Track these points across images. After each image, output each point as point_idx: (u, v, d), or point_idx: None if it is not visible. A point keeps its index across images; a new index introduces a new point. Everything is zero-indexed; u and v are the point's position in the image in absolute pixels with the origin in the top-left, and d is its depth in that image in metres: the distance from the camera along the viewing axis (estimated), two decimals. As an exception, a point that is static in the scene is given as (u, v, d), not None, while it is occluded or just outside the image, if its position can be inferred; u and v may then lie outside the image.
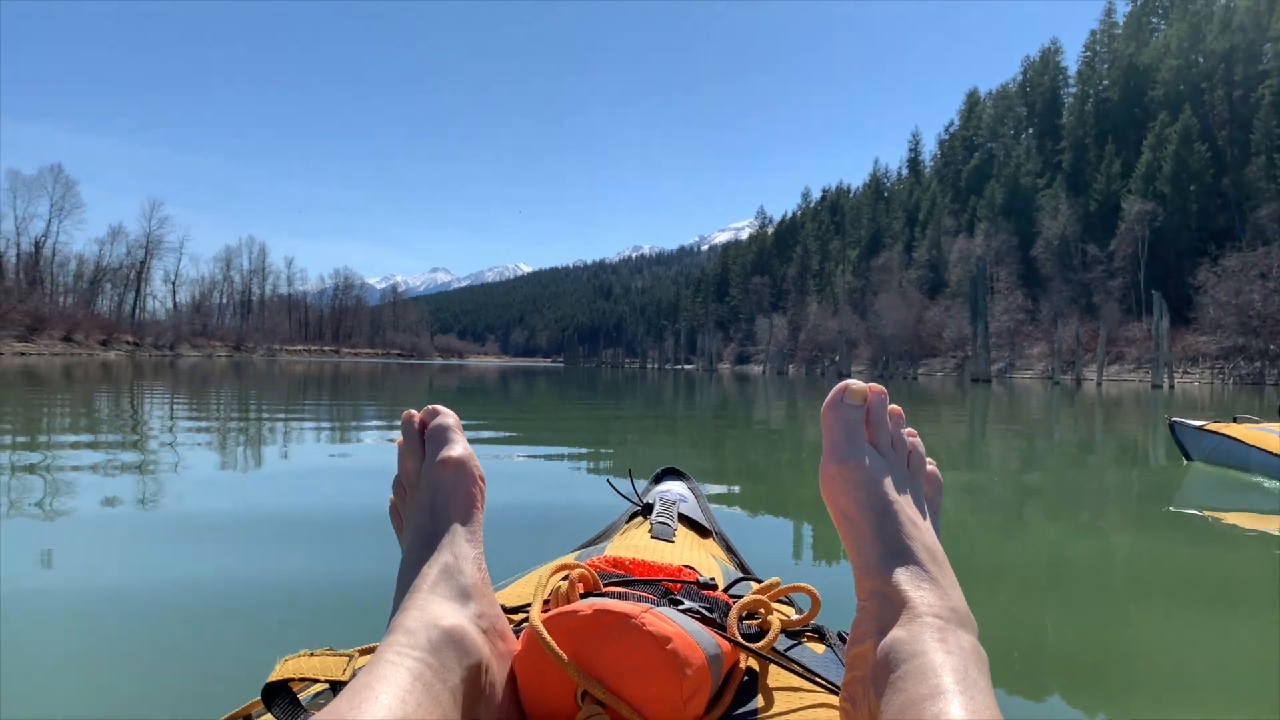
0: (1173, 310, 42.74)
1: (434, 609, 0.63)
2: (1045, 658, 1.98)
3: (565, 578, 0.76)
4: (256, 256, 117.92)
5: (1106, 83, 79.28)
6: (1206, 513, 4.19)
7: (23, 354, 48.10)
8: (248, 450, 5.70)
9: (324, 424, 7.98)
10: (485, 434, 7.32)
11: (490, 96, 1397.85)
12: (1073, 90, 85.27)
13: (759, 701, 0.69)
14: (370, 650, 0.72)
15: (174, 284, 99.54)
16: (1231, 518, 4.03)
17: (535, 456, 5.79)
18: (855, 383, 0.70)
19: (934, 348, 73.58)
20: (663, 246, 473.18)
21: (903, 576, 0.62)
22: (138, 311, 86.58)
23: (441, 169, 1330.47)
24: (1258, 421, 5.62)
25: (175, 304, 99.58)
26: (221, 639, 1.90)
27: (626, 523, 1.43)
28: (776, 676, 0.73)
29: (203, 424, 7.57)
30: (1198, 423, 5.85)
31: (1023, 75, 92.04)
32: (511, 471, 4.99)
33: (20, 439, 5.89)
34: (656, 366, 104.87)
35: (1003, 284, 71.13)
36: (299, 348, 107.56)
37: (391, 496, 0.82)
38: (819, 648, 0.80)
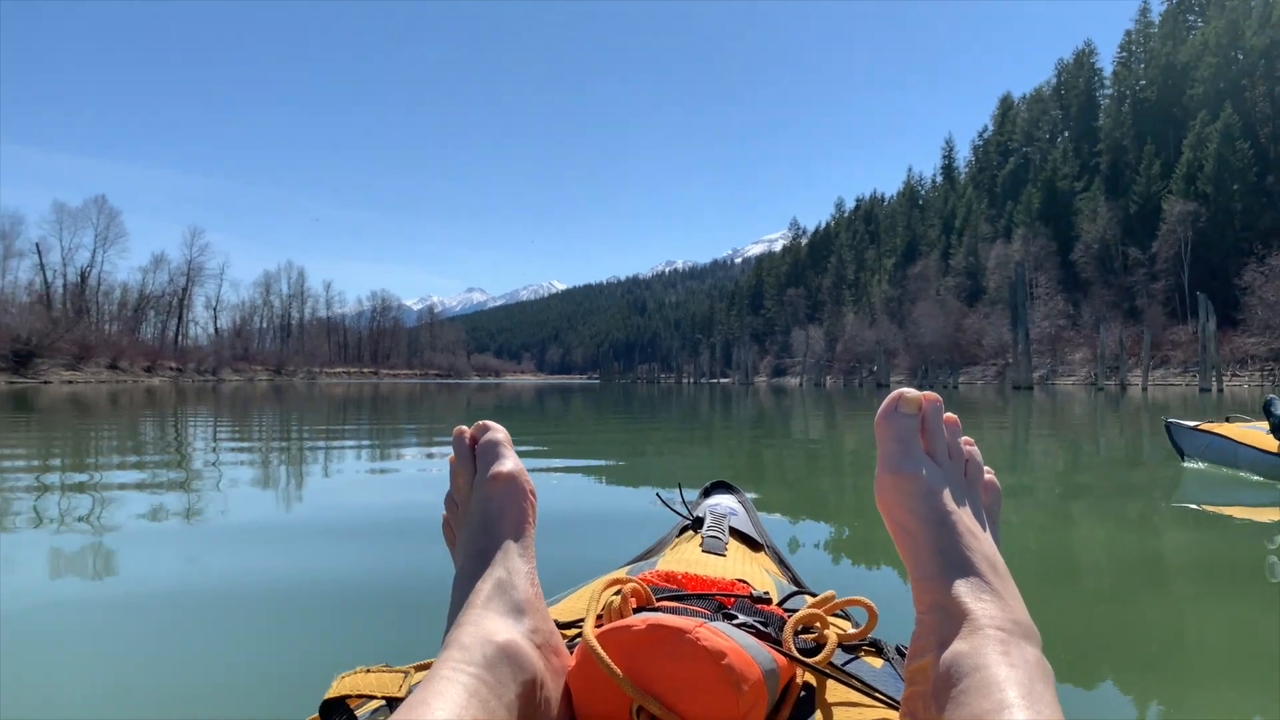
0: (1219, 312, 41.85)
1: (488, 624, 0.64)
2: (1099, 664, 1.91)
3: (618, 592, 0.75)
4: (295, 281, 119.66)
5: (1144, 82, 78.21)
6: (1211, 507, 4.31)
7: (70, 382, 49.13)
8: (296, 470, 5.75)
9: (368, 443, 8.02)
10: (525, 448, 7.33)
11: (521, 116, 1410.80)
12: (1109, 91, 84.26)
13: (817, 717, 0.68)
14: (425, 666, 0.72)
15: (215, 310, 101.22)
16: (1230, 511, 4.22)
17: (575, 470, 5.77)
18: (910, 391, 0.69)
19: (974, 355, 72.74)
20: (695, 260, 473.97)
21: (963, 589, 0.61)
22: (180, 338, 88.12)
23: (476, 189, 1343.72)
24: (1248, 420, 5.74)
25: (217, 329, 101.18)
26: (275, 654, 1.91)
27: (677, 537, 1.41)
28: (834, 691, 0.72)
29: (250, 444, 7.66)
30: (1191, 423, 6.01)
31: (1057, 78, 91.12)
32: (554, 486, 4.96)
33: (83, 461, 5.98)
34: (691, 381, 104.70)
35: (1042, 289, 70.20)
36: (338, 370, 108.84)
37: (444, 512, 0.83)
38: (877, 662, 0.79)
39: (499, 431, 0.81)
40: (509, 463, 0.78)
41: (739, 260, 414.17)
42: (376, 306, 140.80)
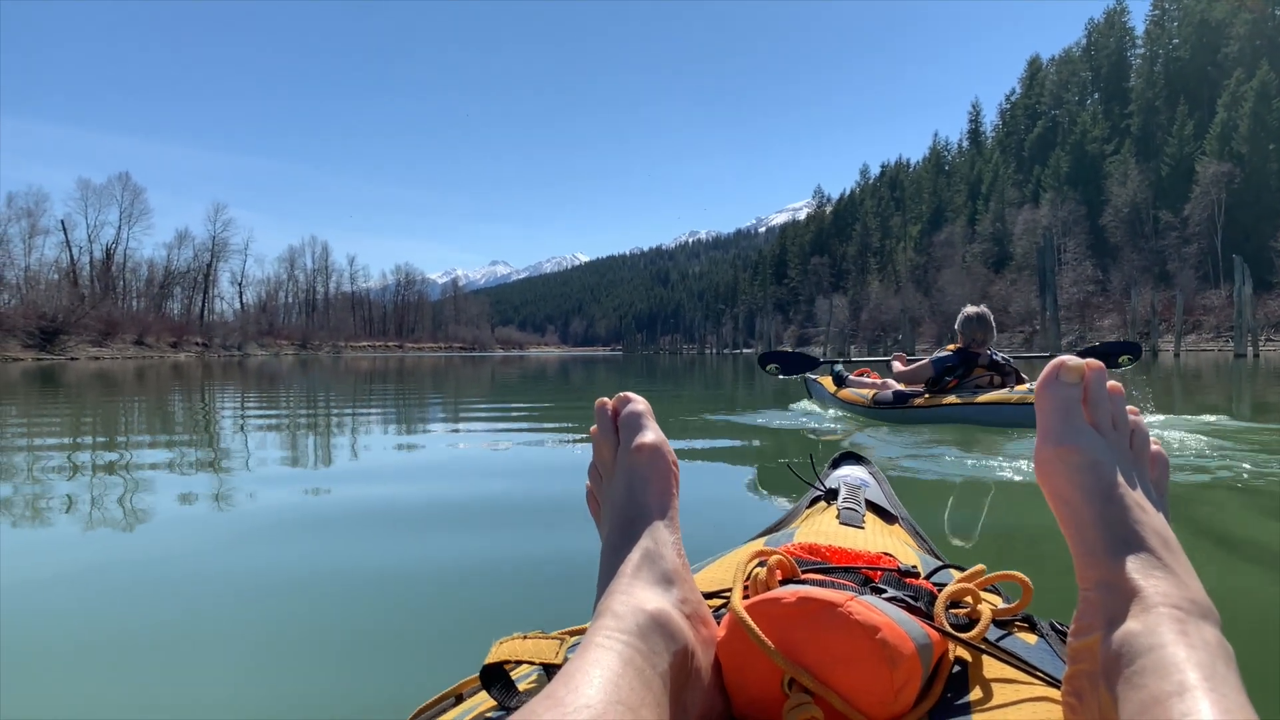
0: (1254, 275, 40.94)
1: (639, 594, 0.64)
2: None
3: (762, 564, 0.75)
4: (320, 255, 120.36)
5: (1176, 41, 76.50)
6: None
7: (97, 358, 49.63)
8: (398, 449, 5.64)
9: (450, 421, 7.92)
10: (547, 424, 7.17)
11: (545, 89, 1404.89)
12: (1140, 51, 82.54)
13: (974, 694, 0.66)
14: (577, 632, 0.73)
15: (240, 285, 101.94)
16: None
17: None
18: (1071, 359, 0.67)
19: (1001, 323, 71.88)
20: (719, 230, 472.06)
21: (1132, 565, 0.58)
22: (206, 313, 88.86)
23: (499, 163, 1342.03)
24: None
25: (243, 304, 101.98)
26: (431, 624, 1.94)
27: (808, 508, 1.41)
28: (989, 668, 0.70)
29: (338, 419, 7.57)
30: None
31: (1087, 39, 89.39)
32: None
33: (156, 437, 5.90)
34: (715, 352, 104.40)
35: (1071, 255, 69.20)
36: (363, 344, 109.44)
37: (587, 483, 0.84)
38: (1031, 638, 0.77)
39: (640, 403, 0.81)
40: (651, 434, 0.78)
41: (763, 229, 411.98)
42: (401, 280, 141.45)
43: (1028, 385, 5.58)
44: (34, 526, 2.96)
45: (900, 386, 6.10)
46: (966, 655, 0.72)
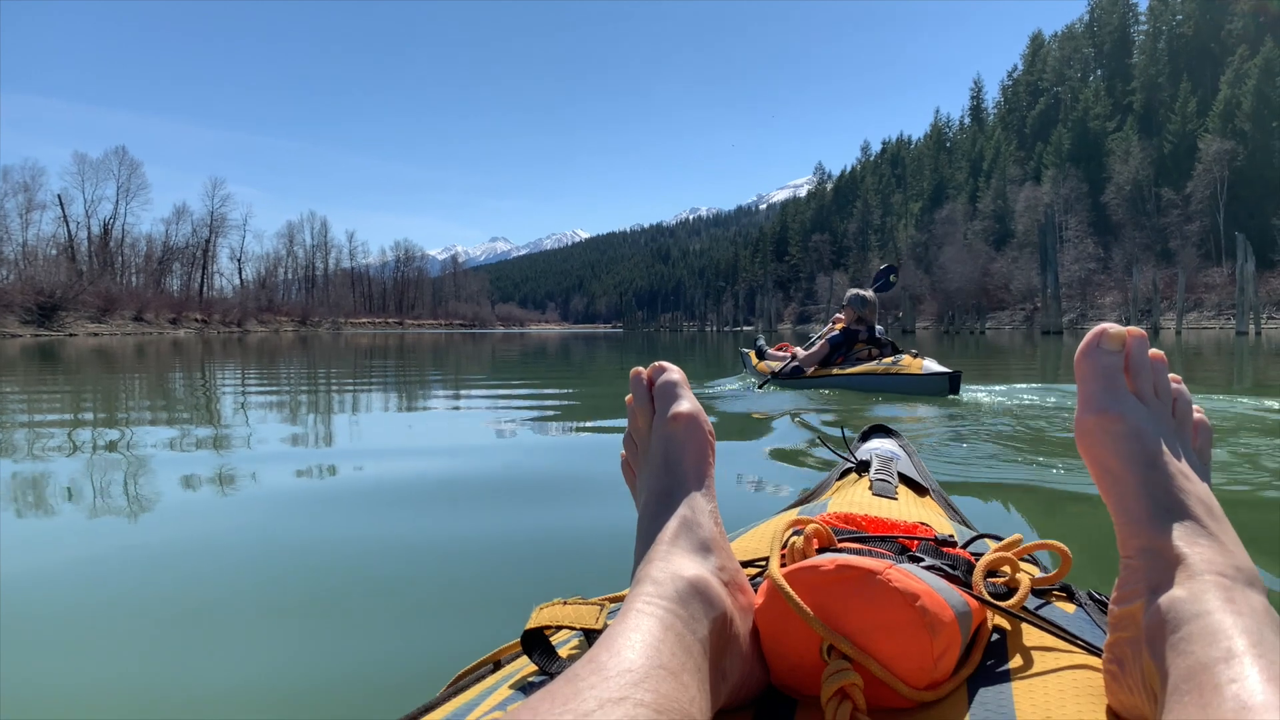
0: (1256, 253, 40.82)
1: (677, 561, 0.64)
2: None
3: (798, 533, 0.75)
4: (319, 231, 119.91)
5: (1180, 17, 76.00)
6: None
7: (95, 334, 49.56)
8: (413, 424, 5.69)
9: (465, 397, 7.93)
10: (551, 403, 7.16)
11: (545, 63, 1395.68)
12: (1144, 27, 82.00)
13: (1014, 661, 0.67)
14: (617, 599, 0.74)
15: (240, 261, 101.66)
16: None
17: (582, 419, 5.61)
18: (1113, 326, 0.66)
19: (1001, 301, 71.86)
20: (720, 207, 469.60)
21: (1177, 532, 0.58)
22: (205, 289, 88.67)
23: (499, 138, 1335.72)
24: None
25: (242, 280, 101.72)
26: (457, 593, 1.98)
27: (838, 480, 1.43)
28: (1028, 636, 0.70)
29: (381, 389, 7.55)
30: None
31: (1090, 14, 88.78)
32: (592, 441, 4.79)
33: (180, 415, 5.89)
34: (715, 329, 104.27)
35: (1072, 232, 69.03)
36: (363, 320, 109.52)
37: (622, 452, 0.84)
38: (1069, 607, 0.77)
39: (675, 372, 0.81)
40: (687, 402, 0.78)
41: (764, 206, 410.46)
42: (400, 257, 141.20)
43: (892, 359, 6.96)
44: (53, 510, 2.94)
45: (803, 358, 7.60)
46: (1005, 624, 0.72)
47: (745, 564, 0.80)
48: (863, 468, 1.38)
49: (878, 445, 1.58)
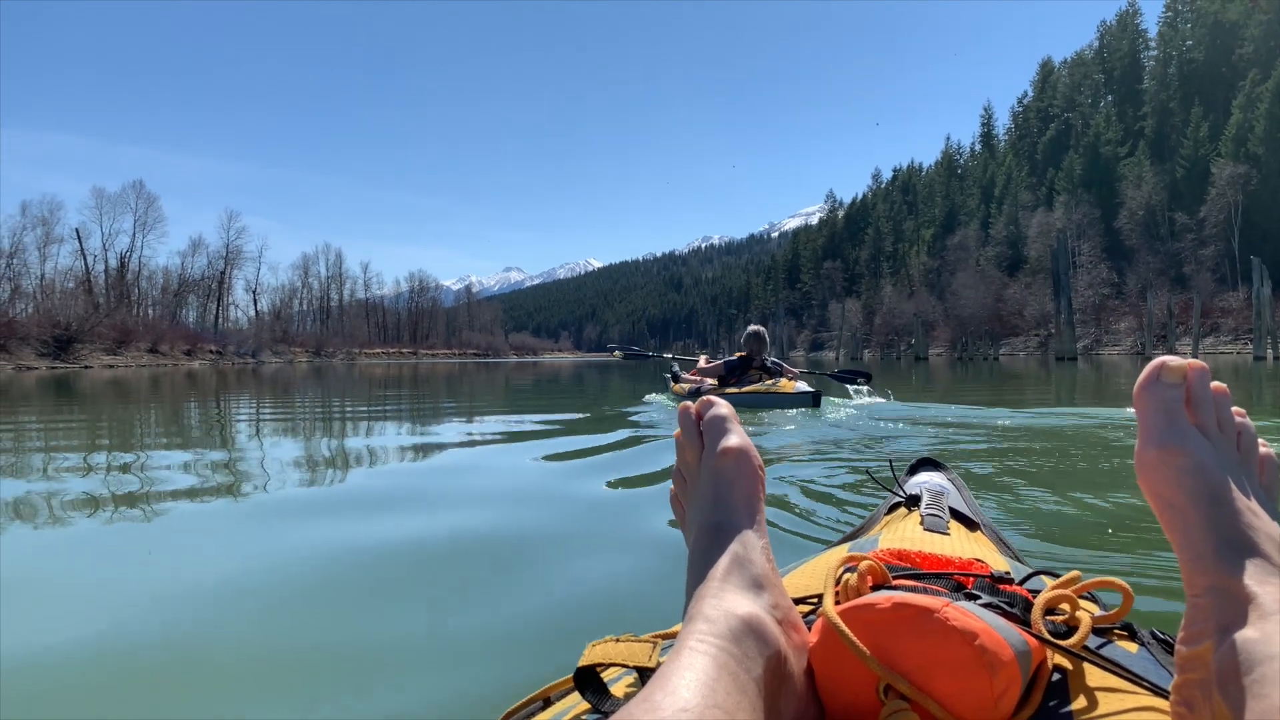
0: (1273, 276, 40.56)
1: (730, 598, 0.63)
2: None
3: (851, 569, 0.75)
4: (333, 263, 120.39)
5: (1190, 43, 76.08)
6: None
7: (111, 366, 49.82)
8: (457, 451, 5.69)
9: (528, 426, 7.92)
10: (596, 433, 7.14)
11: (558, 96, 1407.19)
12: (1154, 53, 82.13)
13: (1077, 703, 0.65)
14: (668, 636, 0.73)
15: (255, 293, 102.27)
16: None
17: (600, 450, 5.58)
18: (1173, 359, 0.64)
19: (1015, 326, 71.55)
20: (732, 235, 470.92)
21: (1247, 570, 0.56)
22: (220, 321, 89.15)
23: (512, 169, 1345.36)
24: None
25: (257, 312, 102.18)
26: (506, 628, 1.97)
27: (887, 514, 1.41)
28: (1090, 676, 0.69)
29: (412, 424, 7.56)
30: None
31: (1099, 40, 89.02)
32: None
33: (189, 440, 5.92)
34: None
35: (1085, 258, 68.82)
36: (377, 350, 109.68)
37: (672, 486, 0.84)
38: (1131, 646, 0.75)
39: (724, 407, 0.81)
40: (736, 437, 0.77)
41: (775, 234, 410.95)
42: (414, 287, 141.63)
43: (772, 381, 8.23)
44: (61, 562, 2.93)
45: (709, 382, 8.73)
46: (1066, 664, 0.70)
47: (798, 601, 0.79)
48: (912, 502, 1.36)
49: (926, 479, 1.55)
